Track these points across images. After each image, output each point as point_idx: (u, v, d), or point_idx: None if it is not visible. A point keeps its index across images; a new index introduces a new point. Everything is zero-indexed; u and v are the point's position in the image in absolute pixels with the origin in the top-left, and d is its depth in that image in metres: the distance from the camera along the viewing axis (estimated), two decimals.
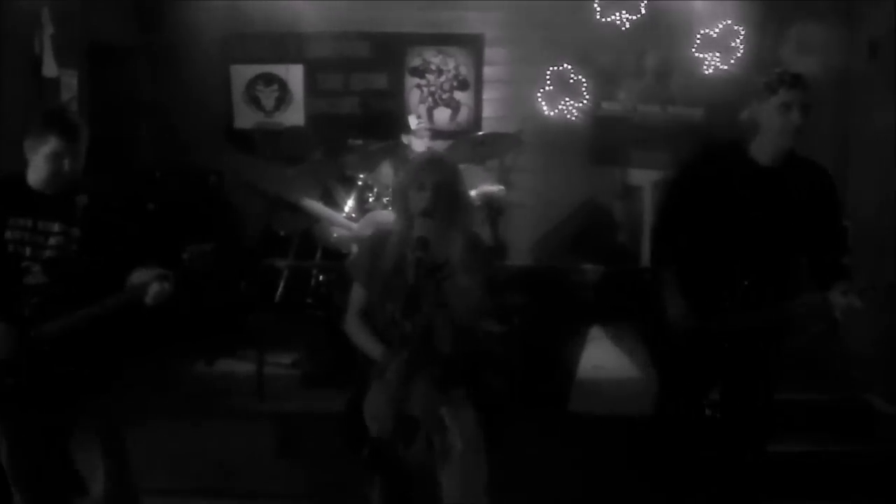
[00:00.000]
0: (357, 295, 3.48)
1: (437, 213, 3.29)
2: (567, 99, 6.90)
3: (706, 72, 6.67)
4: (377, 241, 3.47)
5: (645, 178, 6.48)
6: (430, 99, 7.48)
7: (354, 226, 5.58)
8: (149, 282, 3.30)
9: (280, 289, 5.70)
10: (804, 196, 3.58)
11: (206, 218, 6.05)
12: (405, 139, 6.29)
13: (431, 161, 3.46)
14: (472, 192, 6.09)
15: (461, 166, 6.11)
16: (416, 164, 3.44)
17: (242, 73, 7.42)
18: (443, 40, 7.45)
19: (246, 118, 7.43)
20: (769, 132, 3.55)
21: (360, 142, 6.46)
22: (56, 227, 3.38)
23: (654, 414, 4.00)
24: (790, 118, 3.48)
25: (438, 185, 3.31)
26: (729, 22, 6.61)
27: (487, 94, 7.51)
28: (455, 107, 7.48)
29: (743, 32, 6.60)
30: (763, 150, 3.60)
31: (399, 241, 3.38)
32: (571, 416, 4.80)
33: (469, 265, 3.30)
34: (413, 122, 6.35)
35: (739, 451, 3.84)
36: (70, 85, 5.71)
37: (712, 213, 3.67)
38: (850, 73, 5.68)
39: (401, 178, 3.49)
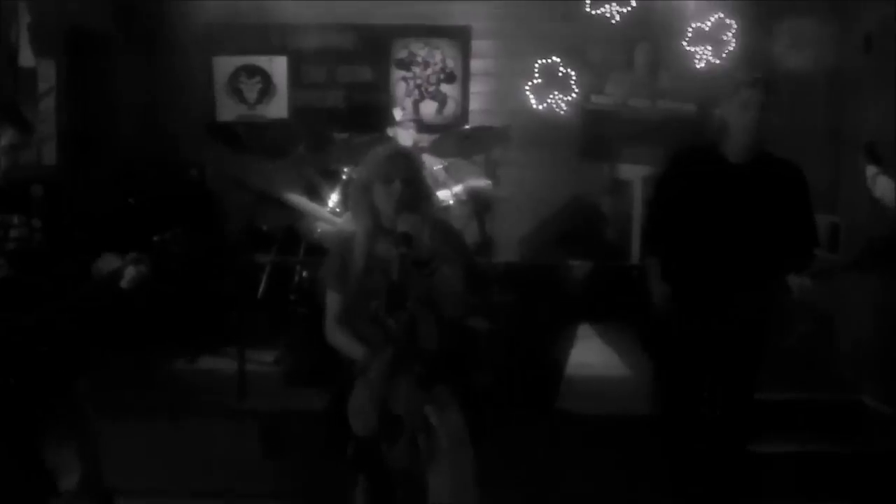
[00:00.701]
0: (332, 302, 3.47)
1: (413, 206, 3.29)
2: (556, 92, 6.89)
3: (698, 66, 6.66)
4: (344, 245, 3.46)
5: (634, 173, 6.45)
6: (416, 92, 7.47)
7: (338, 221, 5.55)
8: (122, 266, 3.28)
9: (263, 285, 5.65)
10: (773, 192, 3.73)
11: (187, 212, 6.01)
12: (391, 132, 6.26)
13: (397, 154, 3.45)
14: (459, 187, 6.08)
15: (447, 161, 6.22)
16: (379, 159, 3.41)
17: (225, 65, 7.41)
18: (429, 32, 7.45)
19: (228, 111, 7.41)
20: (733, 130, 3.72)
21: (345, 135, 6.47)
22: (15, 220, 3.38)
23: (649, 412, 4.11)
24: (748, 117, 3.64)
25: (409, 178, 3.32)
26: (721, 15, 6.60)
27: (474, 87, 7.51)
28: (441, 100, 7.47)
29: (735, 26, 6.59)
30: (732, 147, 3.76)
31: (366, 239, 3.37)
32: (559, 415, 4.78)
33: (447, 254, 3.30)
34: (398, 114, 6.32)
35: (724, 448, 3.93)
36: (48, 75, 5.66)
37: (689, 210, 3.82)
38: (843, 68, 5.67)
39: (362, 173, 3.46)
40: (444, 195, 5.88)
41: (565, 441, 4.65)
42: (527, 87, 6.94)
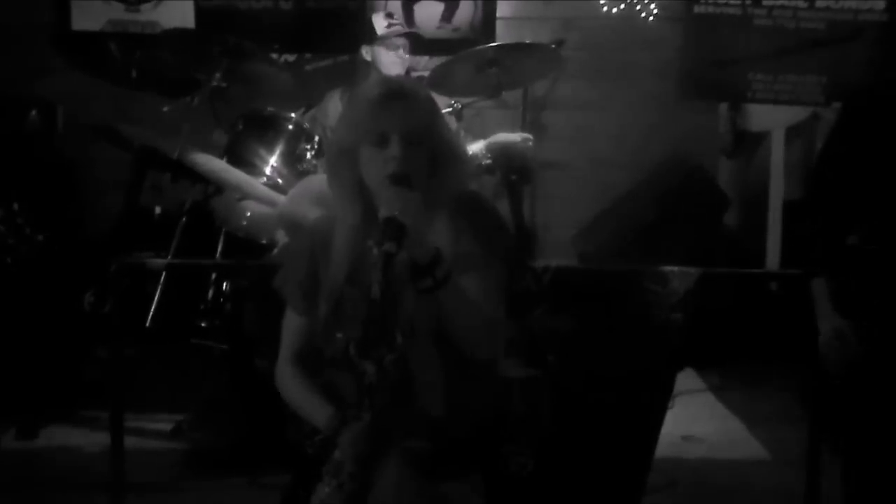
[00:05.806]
0: (292, 330, 3.48)
1: (415, 180, 3.27)
2: None
3: None
4: (317, 239, 3.48)
5: (774, 119, 6.51)
6: None
7: (281, 199, 5.55)
8: None
9: (154, 305, 5.66)
10: None
11: (23, 181, 6.01)
12: (366, 53, 6.33)
13: (394, 93, 3.42)
14: (480, 144, 6.08)
15: (459, 102, 6.21)
16: (368, 101, 3.39)
17: None
18: None
19: (92, 14, 7.53)
20: None
21: (290, 57, 6.43)
22: None
23: None
24: None
25: (411, 134, 3.30)
26: None
27: None
28: None
29: None
30: None
31: (352, 230, 3.37)
32: None
33: (473, 260, 3.28)
34: (380, 23, 6.31)
35: None
36: None
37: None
38: None
39: (345, 123, 3.47)
40: None
41: None
42: None
